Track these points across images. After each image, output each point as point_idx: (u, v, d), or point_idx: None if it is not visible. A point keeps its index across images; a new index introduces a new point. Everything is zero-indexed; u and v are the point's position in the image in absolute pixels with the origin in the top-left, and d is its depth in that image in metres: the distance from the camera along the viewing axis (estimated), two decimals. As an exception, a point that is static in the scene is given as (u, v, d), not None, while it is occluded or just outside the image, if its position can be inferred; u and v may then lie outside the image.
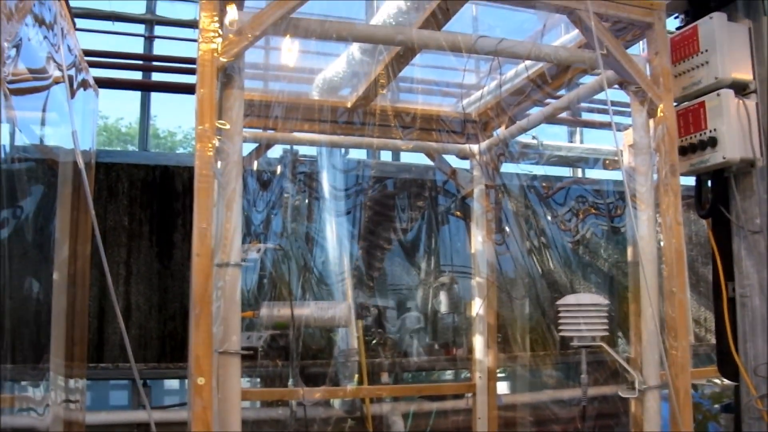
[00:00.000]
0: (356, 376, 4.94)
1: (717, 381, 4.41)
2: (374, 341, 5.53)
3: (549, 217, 5.96)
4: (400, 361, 5.57)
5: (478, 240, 3.83)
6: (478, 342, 3.70)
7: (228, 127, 2.33)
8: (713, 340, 2.84)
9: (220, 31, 2.29)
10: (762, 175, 2.58)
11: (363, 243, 5.76)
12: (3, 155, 2.03)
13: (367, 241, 5.82)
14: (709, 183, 2.75)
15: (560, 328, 2.84)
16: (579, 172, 6.98)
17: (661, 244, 2.64)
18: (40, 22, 2.16)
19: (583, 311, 2.78)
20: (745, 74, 2.74)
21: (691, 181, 2.86)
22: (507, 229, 4.72)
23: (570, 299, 2.87)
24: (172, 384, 7.48)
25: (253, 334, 2.77)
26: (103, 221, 5.25)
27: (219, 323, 2.18)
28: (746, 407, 2.53)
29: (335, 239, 5.20)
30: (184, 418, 5.10)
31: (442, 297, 5.57)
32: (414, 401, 5.76)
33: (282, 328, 2.98)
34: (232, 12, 2.35)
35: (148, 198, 5.50)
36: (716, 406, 4.27)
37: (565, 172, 7.01)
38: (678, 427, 2.45)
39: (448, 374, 6.30)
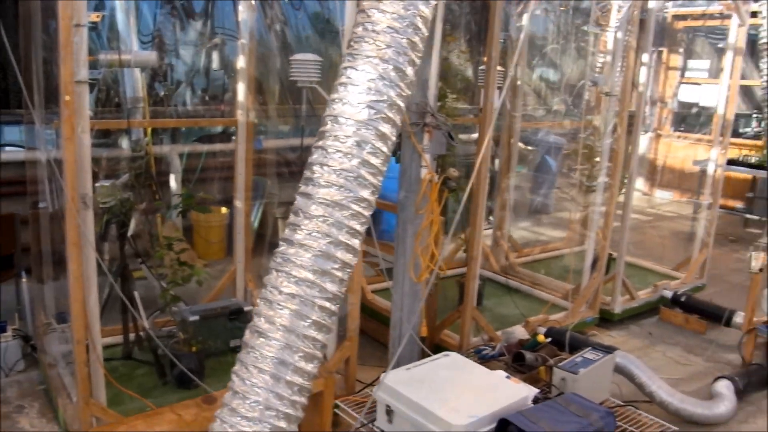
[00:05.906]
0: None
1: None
2: (155, 93, 6.38)
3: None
4: (177, 108, 6.55)
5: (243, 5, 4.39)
6: (241, 89, 4.48)
7: None
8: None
9: None
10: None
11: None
12: None
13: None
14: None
15: (291, 75, 3.97)
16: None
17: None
18: None
19: (307, 63, 3.92)
20: None
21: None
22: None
23: (298, 56, 3.97)
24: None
25: (95, 71, 3.69)
26: None
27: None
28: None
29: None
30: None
31: (215, 56, 6.50)
32: (189, 143, 6.82)
33: (113, 67, 3.94)
34: None
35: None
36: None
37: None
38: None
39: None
